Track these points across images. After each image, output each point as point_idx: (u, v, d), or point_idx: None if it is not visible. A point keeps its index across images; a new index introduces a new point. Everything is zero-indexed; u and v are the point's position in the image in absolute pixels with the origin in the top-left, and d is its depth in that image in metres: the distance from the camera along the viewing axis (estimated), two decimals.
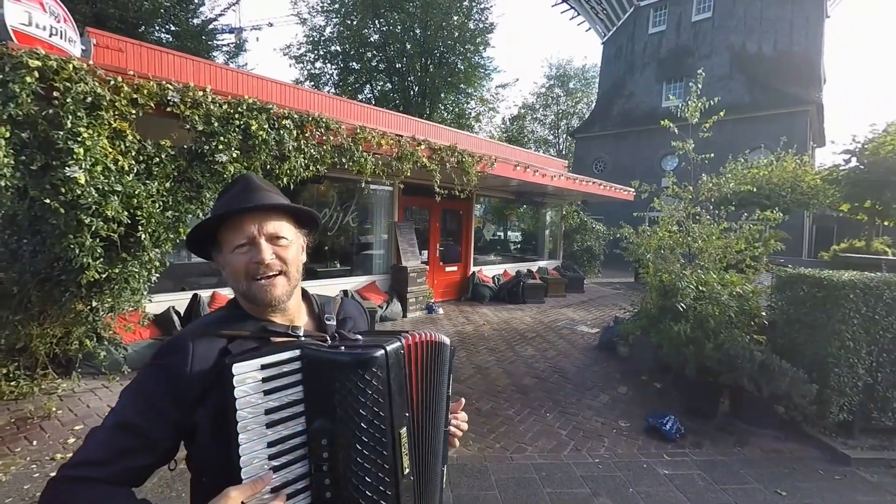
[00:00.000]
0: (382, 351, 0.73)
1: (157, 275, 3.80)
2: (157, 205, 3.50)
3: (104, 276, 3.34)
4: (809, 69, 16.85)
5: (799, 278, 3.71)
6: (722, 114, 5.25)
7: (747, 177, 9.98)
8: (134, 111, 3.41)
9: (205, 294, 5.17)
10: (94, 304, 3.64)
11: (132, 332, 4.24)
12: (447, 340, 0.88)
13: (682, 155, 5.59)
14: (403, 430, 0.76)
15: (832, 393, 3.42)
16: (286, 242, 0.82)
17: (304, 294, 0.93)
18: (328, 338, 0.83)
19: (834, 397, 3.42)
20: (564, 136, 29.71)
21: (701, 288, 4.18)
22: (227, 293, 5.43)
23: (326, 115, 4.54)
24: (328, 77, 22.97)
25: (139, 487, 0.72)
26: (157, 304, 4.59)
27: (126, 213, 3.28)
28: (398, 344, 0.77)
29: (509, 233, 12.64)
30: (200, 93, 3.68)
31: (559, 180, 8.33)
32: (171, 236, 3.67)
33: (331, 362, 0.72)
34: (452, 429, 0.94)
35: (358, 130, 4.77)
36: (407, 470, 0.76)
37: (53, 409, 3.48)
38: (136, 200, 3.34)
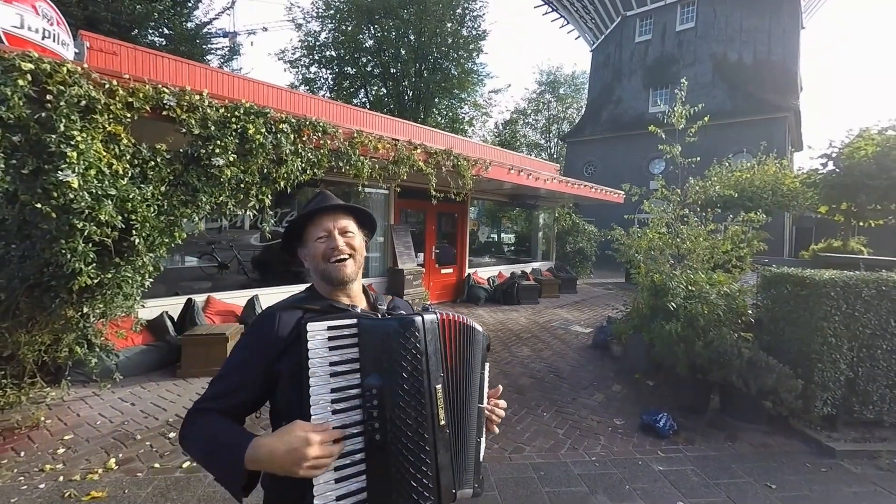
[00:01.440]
0: (420, 318, 0.93)
1: (151, 280, 3.76)
2: (151, 209, 3.46)
3: (96, 281, 3.29)
4: (787, 77, 17.42)
5: (783, 277, 3.84)
6: (706, 119, 5.42)
7: (731, 180, 10.26)
8: (129, 115, 3.38)
9: (199, 298, 5.12)
10: (86, 310, 3.57)
11: (124, 339, 4.18)
12: (481, 328, 1.06)
13: (669, 159, 5.75)
14: (439, 387, 0.91)
15: (816, 388, 3.54)
16: (352, 234, 1.09)
17: (365, 290, 1.17)
18: (379, 315, 1.02)
19: (818, 392, 3.54)
20: (556, 140, 30.08)
21: (690, 287, 4.29)
22: (220, 297, 5.38)
23: (323, 119, 4.55)
24: (323, 81, 22.94)
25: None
26: (150, 310, 4.53)
27: (120, 217, 3.24)
28: (433, 316, 0.96)
29: (503, 235, 12.75)
30: (197, 96, 3.67)
31: (552, 183, 8.44)
32: (166, 241, 3.63)
33: (379, 327, 0.91)
34: (488, 411, 1.08)
35: (355, 134, 4.79)
36: (443, 422, 0.91)
37: (42, 418, 3.41)
38: (130, 205, 3.30)
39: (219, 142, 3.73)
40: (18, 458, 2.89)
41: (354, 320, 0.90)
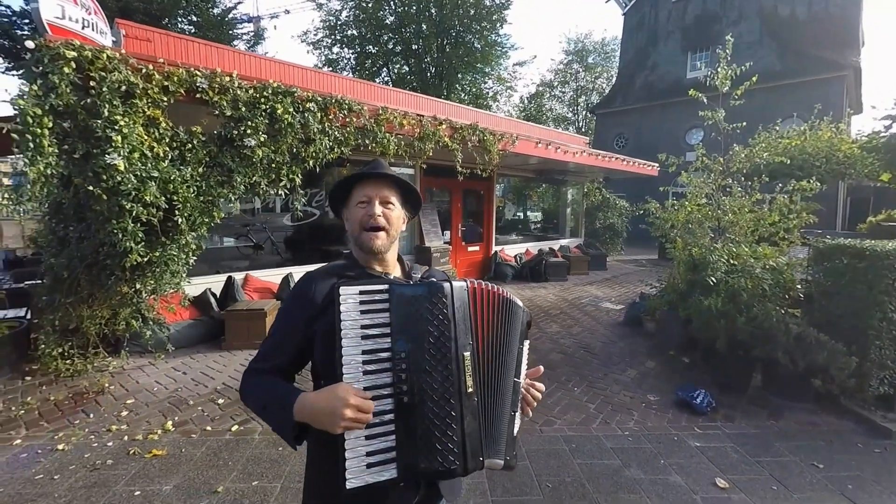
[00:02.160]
0: (448, 284, 0.94)
1: (195, 258, 3.96)
2: (191, 190, 3.61)
3: (146, 259, 3.50)
4: (846, 32, 15.80)
5: (838, 249, 3.58)
6: (754, 79, 5.02)
7: (779, 147, 9.56)
8: (165, 98, 3.49)
9: (238, 276, 5.35)
10: (138, 286, 3.83)
11: (174, 313, 4.45)
12: (519, 302, 1.05)
13: (708, 127, 5.41)
14: (467, 354, 0.92)
15: (872, 365, 3.34)
16: (392, 207, 1.08)
17: (400, 259, 1.18)
18: (412, 282, 1.03)
19: (874, 370, 3.34)
20: (584, 112, 28.90)
21: (732, 261, 4.09)
22: (257, 275, 5.60)
23: (349, 97, 4.54)
24: (346, 62, 22.85)
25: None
26: (194, 287, 4.78)
27: (163, 198, 3.40)
28: (463, 283, 0.97)
29: (530, 212, 12.53)
30: (227, 78, 3.73)
31: (581, 157, 8.16)
32: (206, 220, 3.79)
33: (409, 293, 0.92)
34: (524, 390, 1.07)
35: (380, 111, 4.77)
36: (471, 389, 0.91)
37: (106, 384, 3.71)
38: (171, 186, 3.45)
39: (249, 122, 3.81)
40: (88, 420, 3.17)
41: (386, 286, 0.91)
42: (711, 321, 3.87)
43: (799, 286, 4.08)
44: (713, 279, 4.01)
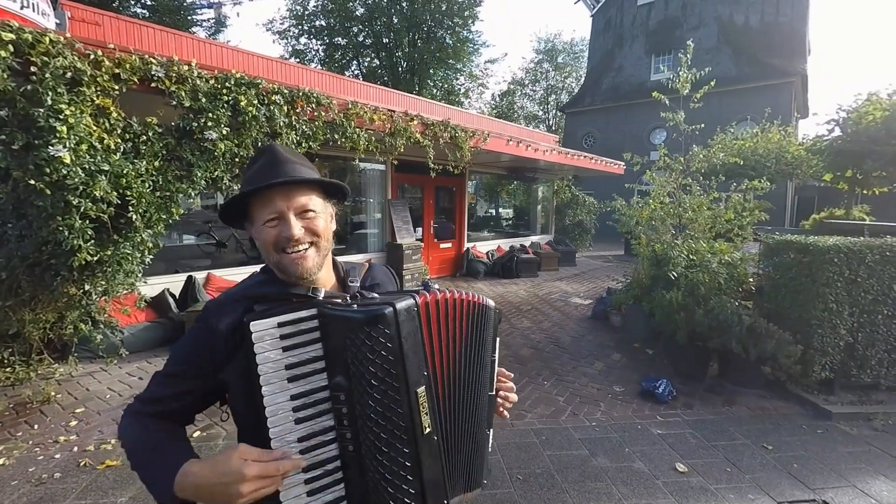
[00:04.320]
0: (391, 308, 0.73)
1: (151, 257, 3.74)
2: (146, 184, 3.40)
3: (96, 258, 3.27)
4: (795, 40, 16.86)
5: (786, 244, 3.82)
6: (712, 84, 5.26)
7: (734, 148, 10.09)
8: (117, 87, 3.28)
9: (199, 276, 5.12)
10: (87, 287, 3.58)
11: (128, 315, 4.20)
12: (488, 302, 0.86)
13: (670, 128, 5.63)
14: (421, 390, 0.75)
15: (815, 353, 3.58)
16: (314, 215, 0.83)
17: (334, 263, 0.95)
18: (348, 298, 0.84)
19: (817, 357, 3.59)
20: (554, 111, 29.46)
21: (692, 256, 4.29)
22: (220, 274, 5.38)
23: (317, 90, 4.42)
24: (314, 53, 22.28)
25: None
26: (151, 287, 4.54)
27: (115, 193, 3.19)
28: (410, 301, 0.76)
29: (502, 209, 12.67)
30: (186, 67, 3.55)
31: (551, 155, 8.31)
32: (163, 217, 3.59)
33: (342, 319, 0.74)
34: (499, 398, 0.94)
35: (350, 106, 4.67)
36: (428, 429, 0.76)
37: (52, 393, 3.46)
38: (124, 180, 3.24)
39: (211, 114, 3.64)
40: (32, 431, 2.95)
41: (314, 311, 0.74)
42: (672, 314, 4.04)
43: (751, 279, 4.34)
44: (674, 274, 4.19)
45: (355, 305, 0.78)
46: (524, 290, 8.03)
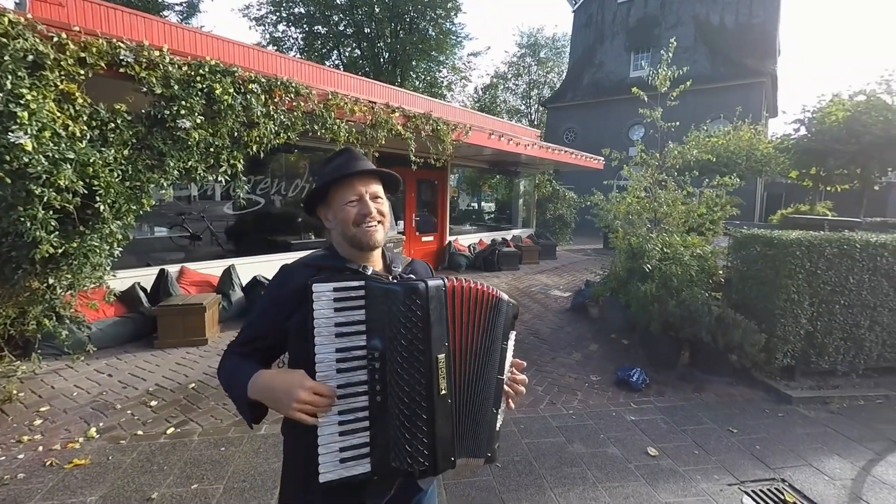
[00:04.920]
0: (423, 284, 0.90)
1: (120, 249, 3.61)
2: (115, 174, 3.27)
3: (61, 251, 3.14)
4: (766, 41, 17.42)
5: (753, 238, 3.98)
6: (689, 83, 5.41)
7: (707, 145, 10.39)
8: (82, 72, 3.13)
9: (172, 269, 4.98)
10: (51, 281, 3.42)
11: (96, 310, 4.06)
12: (503, 296, 1.02)
13: (648, 124, 5.76)
14: (441, 356, 0.90)
15: (778, 341, 3.76)
16: (382, 200, 1.06)
17: (382, 251, 1.15)
18: (391, 278, 1.02)
19: (779, 345, 3.77)
20: (536, 105, 29.65)
21: (666, 250, 4.42)
22: (194, 267, 5.25)
23: (296, 79, 4.33)
24: (292, 41, 21.71)
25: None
26: (121, 281, 4.39)
27: (81, 182, 3.06)
28: (440, 282, 0.93)
29: (483, 203, 12.73)
30: (157, 52, 3.41)
31: (532, 149, 8.38)
32: (134, 207, 3.47)
33: (384, 291, 0.89)
34: (508, 386, 1.04)
35: (330, 96, 4.59)
36: (444, 391, 0.91)
37: (14, 391, 3.32)
38: (91, 169, 3.11)
39: (184, 102, 3.52)
40: None
41: (362, 282, 0.89)
42: (647, 305, 4.17)
43: (721, 272, 4.50)
44: (649, 266, 4.32)
45: (395, 282, 0.94)
46: (505, 282, 8.12)
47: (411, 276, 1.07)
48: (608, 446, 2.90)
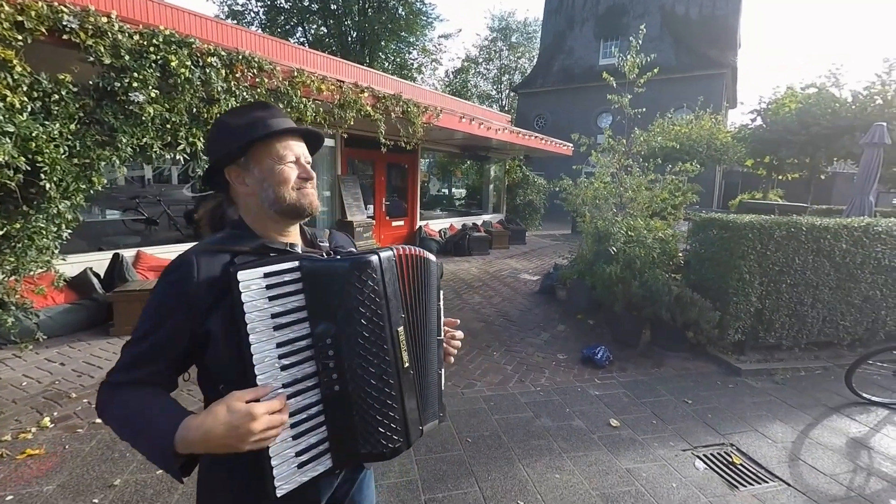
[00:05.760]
0: (376, 256, 0.82)
1: (69, 231, 3.39)
2: (61, 150, 3.05)
3: (2, 232, 2.92)
4: (727, 34, 18.05)
5: (710, 221, 4.20)
6: (656, 70, 5.55)
7: (671, 133, 10.76)
8: (20, 37, 2.87)
9: (128, 253, 4.73)
10: None
11: (44, 296, 3.81)
12: (433, 257, 0.98)
13: (616, 111, 5.90)
14: (401, 329, 0.85)
15: (730, 318, 4.01)
16: (310, 163, 0.93)
17: (300, 226, 1.01)
18: (324, 253, 0.92)
19: (732, 322, 4.02)
20: (507, 91, 29.63)
21: (630, 233, 4.59)
22: (152, 252, 5.00)
23: (259, 54, 4.13)
24: (253, 16, 20.60)
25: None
26: (71, 266, 4.13)
27: (23, 158, 2.83)
28: (391, 252, 0.86)
29: (454, 188, 12.72)
30: (104, 19, 3.17)
31: (503, 134, 8.41)
32: (83, 186, 3.25)
33: (329, 269, 0.80)
34: (447, 344, 1.04)
35: (295, 73, 4.42)
36: (407, 364, 0.86)
37: None
38: (34, 144, 2.88)
39: (136, 74, 3.30)
40: None
41: (296, 263, 0.79)
42: (611, 286, 4.33)
43: (681, 254, 4.73)
44: (614, 249, 4.48)
45: (338, 257, 0.85)
46: (476, 267, 8.21)
47: (340, 247, 1.01)
48: (573, 419, 3.03)
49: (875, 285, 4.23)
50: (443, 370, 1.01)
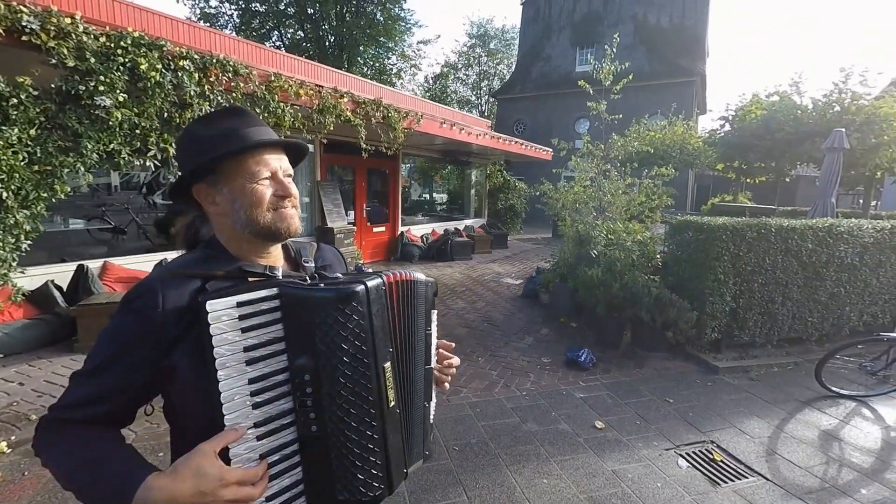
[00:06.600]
0: (363, 286, 0.73)
1: (28, 243, 3.20)
2: (19, 156, 2.89)
3: None
4: (696, 43, 18.76)
5: (686, 224, 4.31)
6: (630, 77, 5.69)
7: (646, 139, 11.06)
8: None
9: (93, 264, 4.50)
10: None
11: (1, 312, 3.59)
12: (420, 276, 0.89)
13: (593, 116, 6.02)
14: (388, 365, 0.77)
15: (707, 318, 4.12)
16: (291, 179, 0.83)
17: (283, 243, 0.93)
18: (307, 277, 0.82)
19: (708, 321, 4.13)
20: (486, 97, 29.94)
21: (610, 236, 4.67)
22: (120, 262, 4.79)
23: (234, 58, 4.03)
24: (227, 19, 20.22)
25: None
26: (30, 279, 3.90)
27: None
28: (379, 280, 0.78)
29: (436, 193, 12.72)
30: (68, 20, 3.03)
31: (484, 139, 8.47)
32: (44, 195, 3.09)
33: (311, 299, 0.71)
34: (437, 371, 0.96)
35: (273, 78, 4.32)
36: (392, 403, 0.78)
37: None
38: None
39: (102, 77, 3.17)
40: None
41: (275, 290, 0.71)
42: (593, 289, 4.39)
43: (659, 256, 4.83)
44: (595, 252, 4.54)
45: (322, 285, 0.75)
46: (459, 272, 8.20)
47: (328, 266, 0.92)
48: (559, 423, 3.03)
49: (839, 283, 4.42)
50: (432, 401, 0.92)
